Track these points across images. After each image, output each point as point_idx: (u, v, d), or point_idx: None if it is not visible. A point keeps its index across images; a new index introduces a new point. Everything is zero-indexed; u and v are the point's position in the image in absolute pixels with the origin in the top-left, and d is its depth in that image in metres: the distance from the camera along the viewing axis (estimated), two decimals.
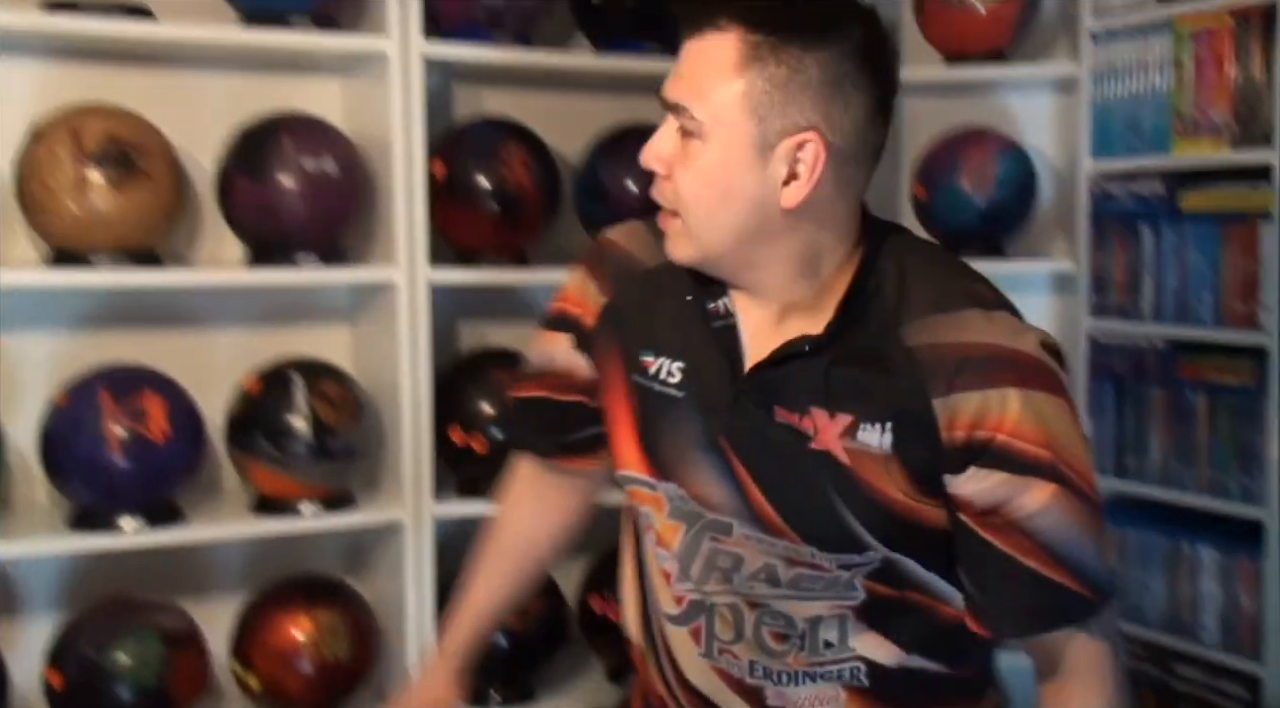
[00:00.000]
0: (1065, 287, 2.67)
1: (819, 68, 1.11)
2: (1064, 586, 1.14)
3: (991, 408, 1.11)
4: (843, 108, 1.12)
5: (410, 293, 2.19)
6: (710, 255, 1.18)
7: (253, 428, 2.09)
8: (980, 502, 1.13)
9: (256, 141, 2.09)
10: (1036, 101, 2.76)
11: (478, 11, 2.24)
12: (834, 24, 1.13)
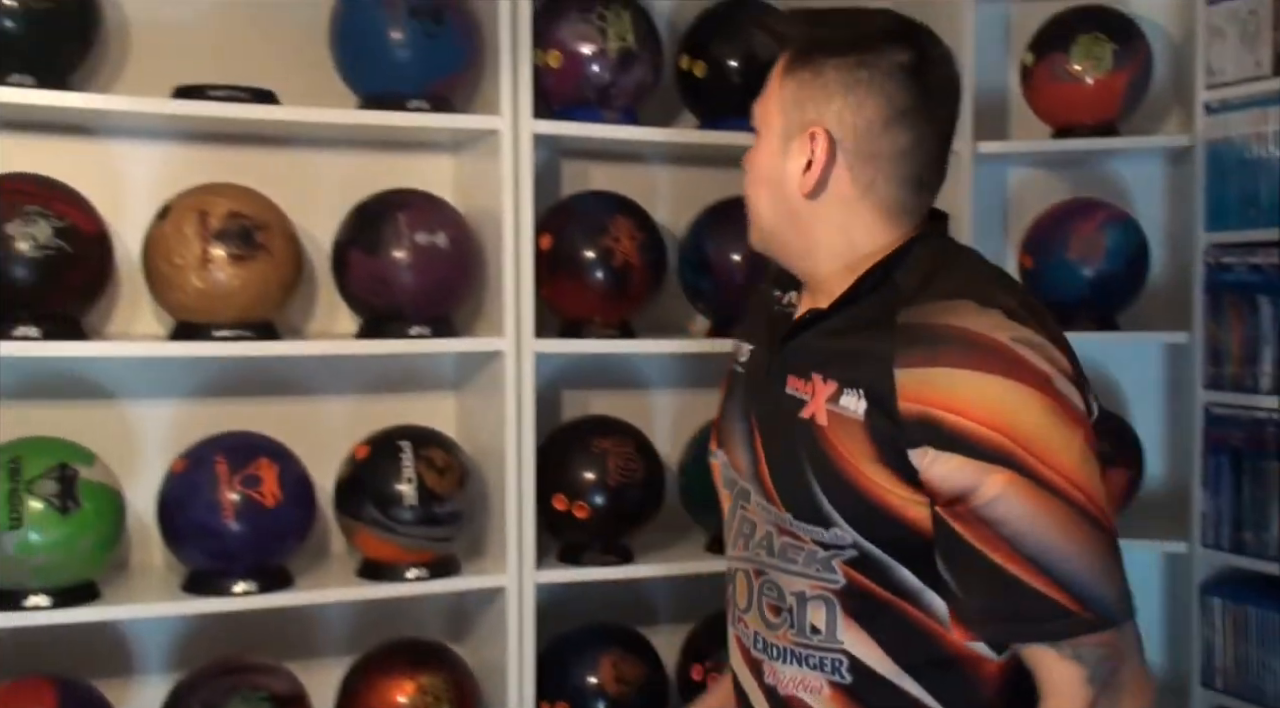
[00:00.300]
0: (1179, 359, 2.61)
1: (836, 73, 1.28)
2: (1038, 591, 1.14)
3: (939, 384, 1.17)
4: (854, 110, 1.28)
5: (516, 362, 2.23)
6: (764, 239, 1.38)
7: (361, 494, 2.14)
8: (945, 488, 1.17)
9: (371, 217, 2.17)
10: (1148, 172, 2.72)
11: (586, 90, 2.30)
12: (860, 39, 1.29)
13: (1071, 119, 2.58)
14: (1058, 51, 2.54)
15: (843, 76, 1.28)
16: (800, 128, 1.30)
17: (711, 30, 2.44)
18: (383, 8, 2.13)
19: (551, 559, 2.33)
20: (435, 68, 2.18)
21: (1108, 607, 1.15)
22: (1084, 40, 2.52)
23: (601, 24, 2.28)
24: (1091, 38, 2.52)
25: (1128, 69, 2.53)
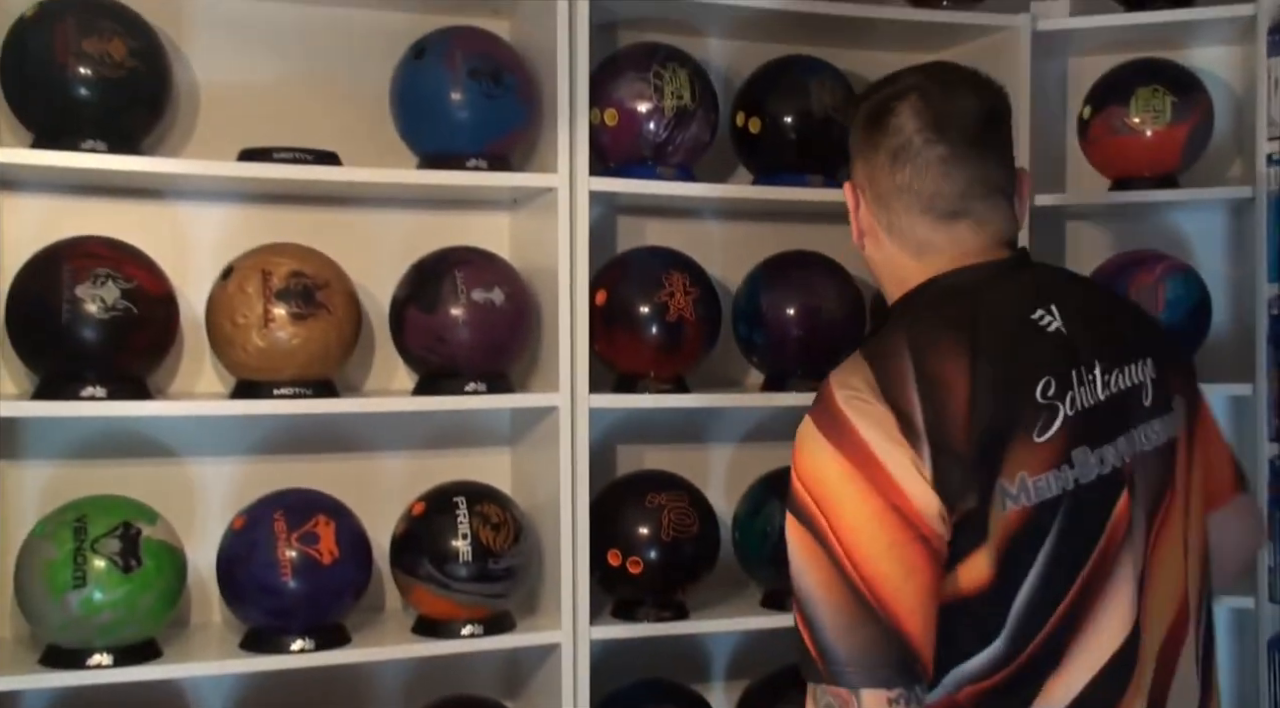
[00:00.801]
0: (1244, 411, 2.56)
1: (856, 131, 1.47)
2: (801, 635, 1.26)
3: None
4: (866, 158, 1.44)
5: (570, 418, 2.23)
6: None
7: (417, 551, 2.15)
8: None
9: (428, 275, 2.19)
10: (1210, 223, 2.69)
11: (642, 147, 2.32)
12: (873, 92, 1.46)
13: (1130, 171, 2.56)
14: (1116, 104, 2.52)
15: (858, 132, 1.46)
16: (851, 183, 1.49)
17: (766, 86, 2.45)
18: (444, 70, 2.16)
19: (606, 615, 2.32)
20: (494, 127, 2.20)
21: (839, 669, 1.22)
22: (1143, 93, 2.51)
23: (658, 82, 2.30)
24: (1150, 90, 2.51)
25: (1188, 121, 2.50)
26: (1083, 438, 1.30)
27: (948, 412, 1.25)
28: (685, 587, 2.34)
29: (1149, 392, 1.38)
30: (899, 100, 1.40)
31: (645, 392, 2.34)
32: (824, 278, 2.42)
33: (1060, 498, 1.27)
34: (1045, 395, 1.29)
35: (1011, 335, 1.33)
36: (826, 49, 2.58)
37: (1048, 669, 1.27)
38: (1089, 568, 1.27)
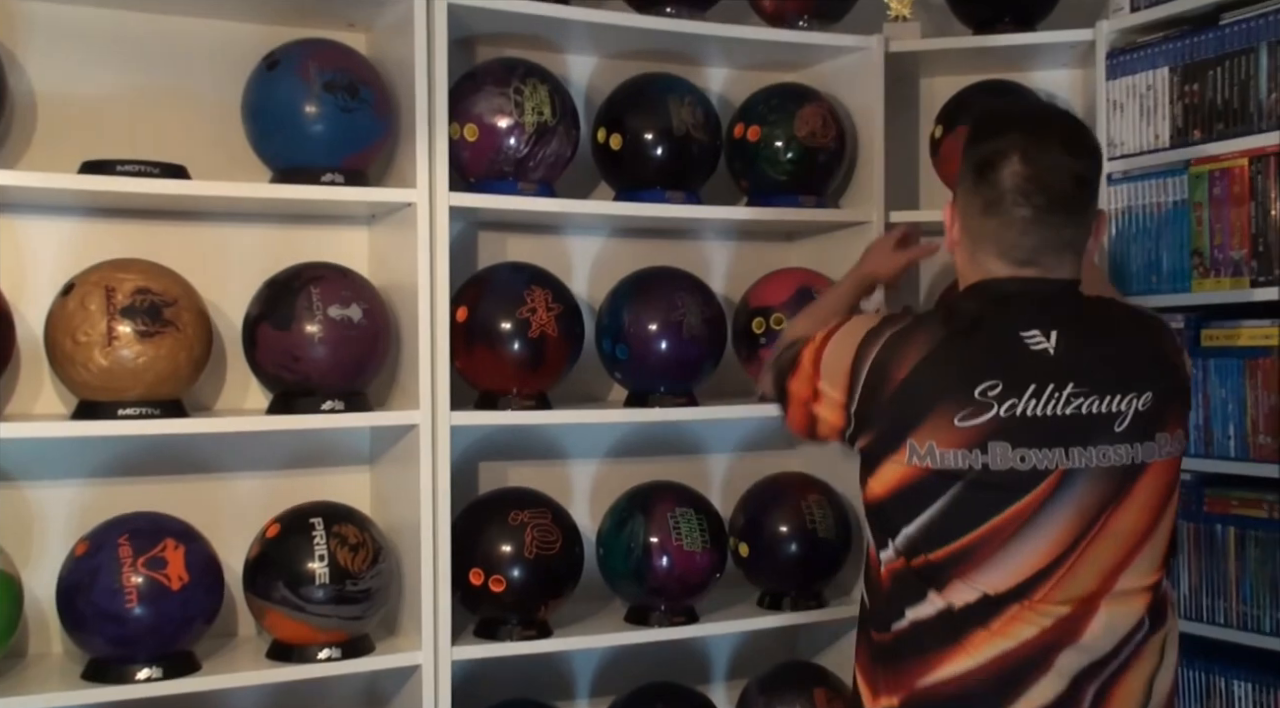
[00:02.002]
0: None
1: (973, 159, 1.65)
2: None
3: None
4: (964, 197, 1.66)
5: (431, 435, 2.21)
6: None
7: (270, 574, 2.09)
8: None
9: (282, 292, 2.14)
10: None
11: (503, 163, 2.31)
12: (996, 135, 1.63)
13: None
14: (965, 124, 2.59)
15: (967, 173, 1.66)
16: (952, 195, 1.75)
17: (627, 104, 2.46)
18: (298, 82, 2.12)
19: (468, 635, 2.30)
20: (350, 141, 2.17)
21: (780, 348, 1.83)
22: None
23: (518, 98, 2.29)
24: None
25: None
26: (1005, 436, 1.56)
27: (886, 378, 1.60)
28: (549, 604, 2.32)
29: (1126, 420, 1.60)
30: (1003, 157, 1.60)
31: (507, 408, 2.32)
32: (686, 294, 2.43)
33: (962, 472, 1.56)
34: (982, 393, 1.56)
35: (987, 341, 1.61)
36: (687, 67, 2.62)
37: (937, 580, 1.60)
38: (991, 525, 1.57)
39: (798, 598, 2.55)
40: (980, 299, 1.65)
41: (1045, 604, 1.57)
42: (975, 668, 1.57)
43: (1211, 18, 2.38)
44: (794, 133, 2.51)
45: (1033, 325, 1.60)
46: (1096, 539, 1.58)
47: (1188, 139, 2.41)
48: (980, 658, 1.57)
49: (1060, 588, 1.58)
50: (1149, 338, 1.69)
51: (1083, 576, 1.59)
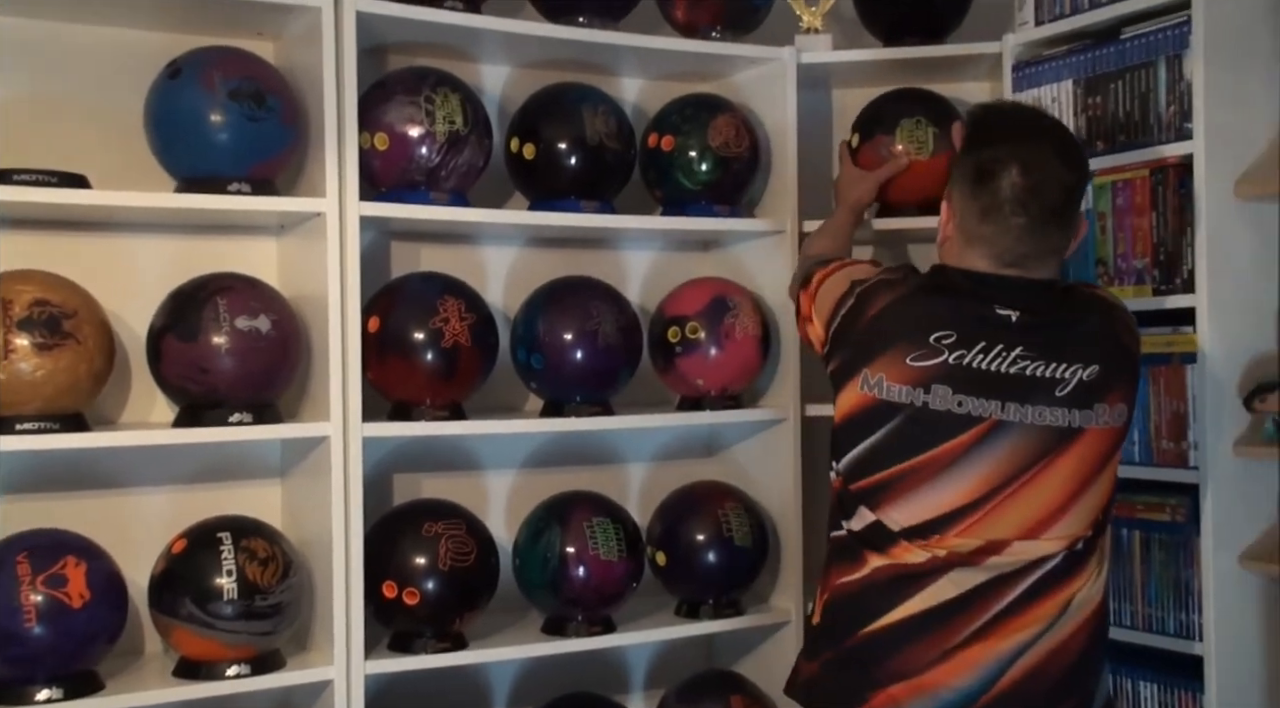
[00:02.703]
0: None
1: (974, 165, 1.79)
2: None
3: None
4: (960, 199, 1.81)
5: (343, 447, 2.18)
6: None
7: (177, 590, 2.06)
8: None
9: (188, 303, 2.11)
10: None
11: (414, 172, 2.29)
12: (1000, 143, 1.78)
13: (895, 199, 2.66)
14: (882, 134, 2.63)
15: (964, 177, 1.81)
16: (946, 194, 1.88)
17: (540, 113, 2.46)
18: (202, 90, 2.09)
19: (382, 649, 2.28)
20: (257, 151, 2.14)
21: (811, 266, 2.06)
22: (907, 125, 2.62)
23: (429, 107, 2.28)
24: (914, 122, 2.62)
25: (949, 151, 2.62)
26: (948, 381, 1.73)
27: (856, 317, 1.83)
28: (464, 617, 2.31)
29: (1069, 387, 1.75)
30: (1003, 167, 1.74)
31: (420, 419, 2.31)
32: (601, 303, 2.44)
33: (904, 406, 1.75)
34: (937, 340, 1.74)
35: (955, 304, 1.77)
36: (601, 77, 2.62)
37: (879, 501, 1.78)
38: (920, 458, 1.74)
39: (715, 607, 2.55)
40: (968, 277, 1.80)
41: (942, 545, 1.74)
42: (870, 574, 1.78)
43: (1113, 32, 2.43)
44: (708, 143, 2.53)
45: (1004, 303, 1.76)
46: (1019, 493, 1.72)
47: (1092, 151, 2.46)
48: (873, 572, 1.78)
49: (970, 533, 1.73)
50: (1105, 319, 1.82)
51: (998, 525, 1.73)
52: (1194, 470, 2.28)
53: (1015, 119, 1.92)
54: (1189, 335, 2.30)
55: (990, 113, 1.94)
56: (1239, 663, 2.27)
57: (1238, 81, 2.29)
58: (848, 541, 1.82)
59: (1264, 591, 2.31)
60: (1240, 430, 2.30)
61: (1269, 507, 2.33)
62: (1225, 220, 2.28)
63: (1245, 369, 2.31)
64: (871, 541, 1.78)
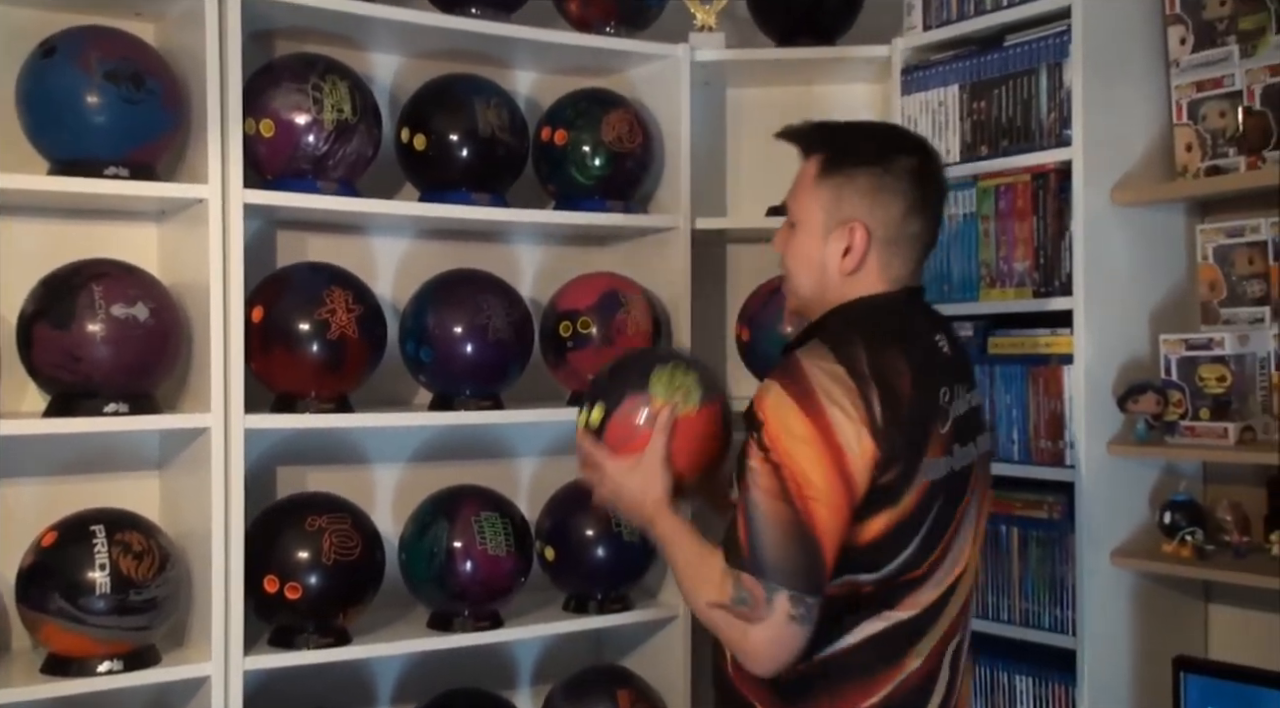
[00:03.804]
0: None
1: (865, 179, 1.66)
2: (739, 531, 1.55)
3: (759, 390, 1.60)
4: (884, 207, 1.66)
5: (224, 439, 2.14)
6: (802, 306, 1.74)
7: (46, 584, 2.00)
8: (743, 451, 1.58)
9: (61, 289, 2.05)
10: None
11: (301, 161, 2.26)
12: (884, 152, 1.68)
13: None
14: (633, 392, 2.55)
15: (871, 181, 1.66)
16: (839, 222, 1.67)
17: (432, 104, 2.44)
18: (77, 71, 2.03)
19: (262, 644, 2.24)
20: (135, 134, 2.09)
21: (764, 566, 1.52)
22: (662, 373, 2.56)
23: (317, 94, 2.25)
24: (671, 368, 2.59)
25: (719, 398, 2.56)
26: (958, 437, 1.65)
27: (898, 407, 1.56)
28: (348, 611, 2.28)
29: (978, 414, 1.75)
30: (912, 161, 1.68)
31: (305, 412, 2.27)
32: (492, 297, 2.42)
33: (944, 479, 1.62)
34: (944, 400, 1.63)
35: (925, 351, 1.66)
36: (493, 69, 2.61)
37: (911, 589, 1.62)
38: (949, 534, 1.63)
39: (603, 601, 2.56)
40: (894, 311, 1.67)
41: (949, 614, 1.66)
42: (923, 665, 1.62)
43: (997, 39, 2.49)
44: (601, 138, 2.53)
45: (934, 331, 1.72)
46: (961, 528, 1.68)
47: (976, 155, 2.52)
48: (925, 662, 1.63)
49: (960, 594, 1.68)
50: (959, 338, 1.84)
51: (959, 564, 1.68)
52: (1070, 469, 2.34)
53: (890, 127, 1.90)
54: (1066, 337, 2.36)
55: (852, 124, 1.84)
56: (1109, 657, 2.34)
57: (1115, 90, 2.36)
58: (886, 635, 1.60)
59: (1135, 587, 2.38)
60: (1115, 431, 2.37)
61: (1141, 505, 2.40)
62: (1102, 225, 2.34)
63: (1120, 371, 2.38)
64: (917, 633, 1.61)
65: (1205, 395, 2.27)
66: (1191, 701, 2.16)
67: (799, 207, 1.71)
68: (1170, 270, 2.45)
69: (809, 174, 1.71)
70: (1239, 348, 2.27)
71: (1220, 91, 2.33)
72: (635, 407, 1.79)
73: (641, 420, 1.78)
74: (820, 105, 2.81)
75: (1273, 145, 2.26)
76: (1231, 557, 2.26)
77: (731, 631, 1.56)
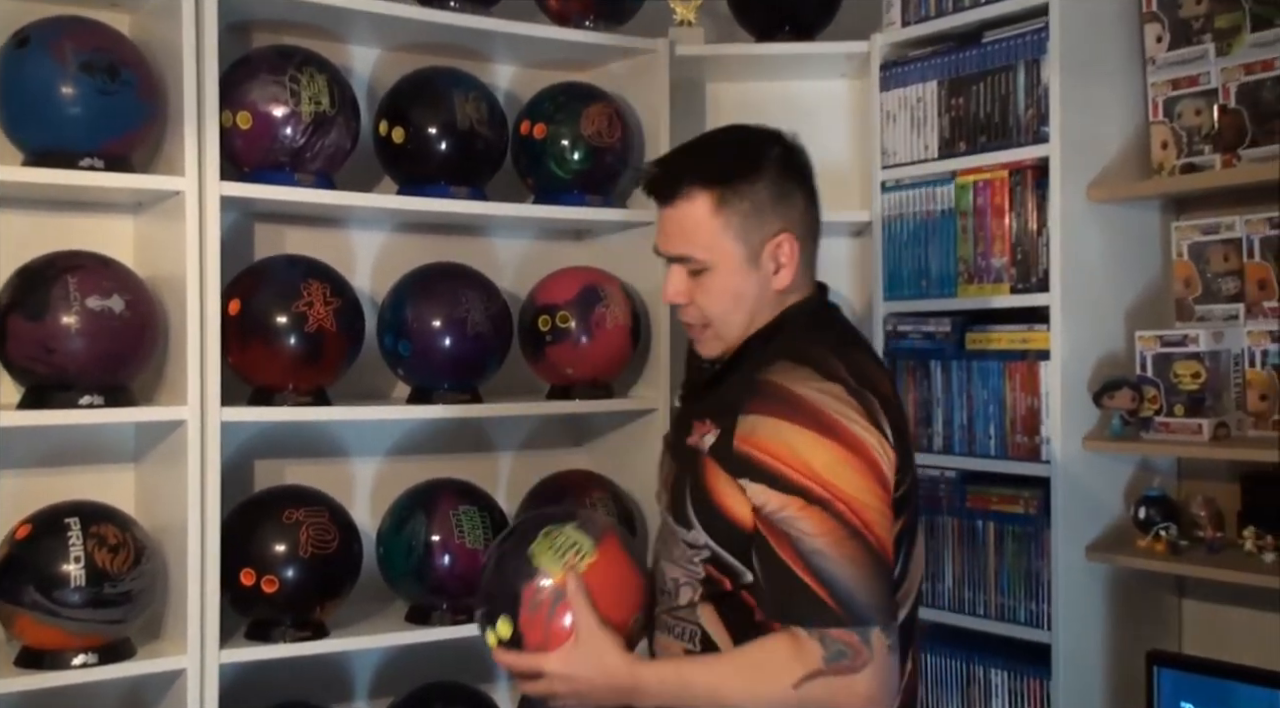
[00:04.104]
0: None
1: (766, 188, 1.56)
2: (806, 585, 1.43)
3: (751, 427, 1.48)
4: (790, 206, 1.57)
5: (200, 432, 2.14)
6: (733, 343, 1.60)
7: (20, 577, 1.99)
8: (760, 507, 1.47)
9: (35, 281, 2.04)
10: (834, 246, 2.87)
11: (278, 153, 2.25)
12: (759, 154, 1.57)
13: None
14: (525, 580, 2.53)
15: (770, 187, 1.55)
16: (763, 243, 1.56)
17: (410, 97, 2.43)
18: (51, 61, 2.02)
19: (239, 638, 2.24)
20: (110, 126, 2.08)
21: (858, 609, 1.42)
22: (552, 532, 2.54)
23: (294, 86, 2.24)
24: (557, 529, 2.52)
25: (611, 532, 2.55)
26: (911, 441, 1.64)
27: (893, 412, 1.53)
28: (325, 605, 2.28)
29: None
30: (778, 149, 1.58)
31: (283, 405, 2.27)
32: (471, 290, 2.42)
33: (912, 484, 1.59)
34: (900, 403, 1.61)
35: (869, 348, 1.65)
36: (473, 62, 2.61)
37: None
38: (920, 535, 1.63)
39: None
40: (831, 311, 1.65)
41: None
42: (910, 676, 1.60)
43: (975, 35, 2.50)
44: (580, 132, 2.53)
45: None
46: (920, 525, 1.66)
47: (954, 151, 2.53)
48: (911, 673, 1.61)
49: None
50: None
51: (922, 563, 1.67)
52: (1046, 464, 2.36)
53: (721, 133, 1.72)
54: (1043, 333, 2.37)
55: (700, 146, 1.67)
56: (1084, 651, 2.36)
57: (1092, 87, 2.37)
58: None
59: (1109, 582, 2.39)
60: (1091, 426, 2.38)
61: (1116, 501, 2.42)
62: (1079, 222, 2.35)
63: (1096, 367, 2.39)
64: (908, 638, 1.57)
65: (1180, 392, 2.29)
66: (1165, 694, 2.18)
67: (703, 248, 1.55)
68: (1146, 267, 2.46)
69: (700, 213, 1.54)
70: (1213, 345, 2.29)
71: (1196, 89, 2.35)
72: (536, 594, 1.55)
73: (551, 603, 1.55)
74: (799, 101, 2.82)
75: (1247, 143, 2.28)
76: (1205, 552, 2.27)
77: (836, 692, 1.42)
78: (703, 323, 1.60)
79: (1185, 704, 2.12)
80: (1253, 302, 2.33)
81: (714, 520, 1.52)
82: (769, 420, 1.46)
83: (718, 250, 1.55)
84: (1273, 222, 2.30)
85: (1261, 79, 2.26)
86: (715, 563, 1.54)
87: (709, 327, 1.60)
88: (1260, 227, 2.32)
